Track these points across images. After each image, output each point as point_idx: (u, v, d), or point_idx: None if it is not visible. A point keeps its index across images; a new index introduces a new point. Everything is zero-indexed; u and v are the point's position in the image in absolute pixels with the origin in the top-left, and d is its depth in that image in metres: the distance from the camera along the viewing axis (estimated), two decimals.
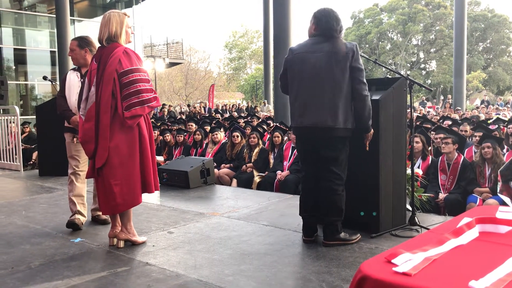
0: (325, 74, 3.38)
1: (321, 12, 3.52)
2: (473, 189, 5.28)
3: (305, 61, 3.44)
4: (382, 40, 39.15)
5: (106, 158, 3.43)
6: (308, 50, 3.47)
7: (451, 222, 1.97)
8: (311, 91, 3.43)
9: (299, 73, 3.48)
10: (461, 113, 14.65)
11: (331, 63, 3.37)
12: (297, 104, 3.51)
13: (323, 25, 3.45)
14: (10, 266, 3.27)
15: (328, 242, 3.54)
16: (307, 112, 3.45)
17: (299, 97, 3.50)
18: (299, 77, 3.49)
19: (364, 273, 1.48)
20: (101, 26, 3.55)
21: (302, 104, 3.47)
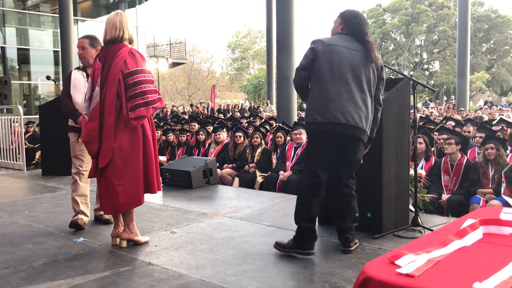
0: (364, 75, 3.26)
1: (351, 13, 3.40)
2: (476, 190, 5.26)
3: (342, 55, 3.25)
4: (385, 41, 39.11)
5: (110, 158, 3.43)
6: (343, 45, 3.27)
7: (455, 224, 1.96)
8: (347, 87, 3.22)
9: (336, 65, 3.23)
10: (464, 114, 14.61)
11: (369, 66, 3.27)
12: (327, 97, 3.21)
13: (354, 26, 3.34)
14: (13, 265, 3.27)
15: (350, 249, 3.39)
16: (341, 108, 3.19)
17: (331, 90, 3.22)
18: (335, 69, 3.23)
19: (367, 274, 1.47)
20: (106, 26, 3.55)
21: (335, 98, 3.20)
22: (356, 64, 3.25)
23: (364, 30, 3.35)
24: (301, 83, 3.37)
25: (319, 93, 3.26)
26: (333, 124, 3.21)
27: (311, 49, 3.30)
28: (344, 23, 3.40)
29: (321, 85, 3.26)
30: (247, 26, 58.60)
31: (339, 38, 3.35)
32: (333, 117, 3.20)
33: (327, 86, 3.23)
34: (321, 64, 3.25)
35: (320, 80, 3.26)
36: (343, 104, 3.20)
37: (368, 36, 3.35)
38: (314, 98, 3.29)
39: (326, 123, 3.22)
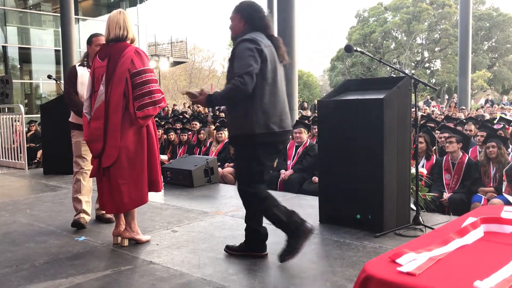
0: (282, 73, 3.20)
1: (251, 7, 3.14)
2: (477, 188, 5.26)
3: (275, 57, 3.11)
4: (386, 39, 39.02)
5: (115, 157, 3.43)
6: (268, 44, 3.08)
7: (456, 222, 1.96)
8: (282, 91, 3.14)
9: (276, 67, 3.08)
10: (466, 112, 14.58)
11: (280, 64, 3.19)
12: (277, 104, 3.07)
13: (258, 21, 3.11)
14: (14, 264, 3.28)
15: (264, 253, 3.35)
16: (287, 114, 3.16)
17: (278, 96, 3.09)
18: (276, 72, 3.08)
19: (368, 273, 1.47)
20: (109, 24, 3.55)
21: (283, 105, 3.12)
22: (278, 63, 3.15)
23: (269, 24, 3.17)
24: (250, 90, 2.94)
25: (269, 99, 3.03)
26: (286, 132, 3.16)
27: (260, 50, 2.97)
28: (245, 19, 3.12)
29: (269, 90, 3.04)
30: None
31: (261, 35, 3.09)
32: (286, 125, 3.14)
33: (275, 92, 3.08)
34: (267, 67, 3.01)
35: (268, 85, 3.03)
36: (287, 110, 3.17)
37: (273, 30, 3.18)
38: (264, 105, 3.01)
39: (282, 132, 3.12)
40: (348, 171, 3.91)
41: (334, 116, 4.05)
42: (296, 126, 7.05)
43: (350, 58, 38.12)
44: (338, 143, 3.98)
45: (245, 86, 2.89)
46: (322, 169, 4.21)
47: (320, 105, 4.33)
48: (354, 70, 37.92)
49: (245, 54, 2.93)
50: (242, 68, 2.90)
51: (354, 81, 4.56)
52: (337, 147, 3.99)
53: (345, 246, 3.53)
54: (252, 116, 2.98)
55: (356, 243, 3.59)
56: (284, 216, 3.14)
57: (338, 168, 3.99)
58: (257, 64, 2.94)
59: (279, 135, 3.09)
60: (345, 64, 39.10)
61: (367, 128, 3.78)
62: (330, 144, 4.07)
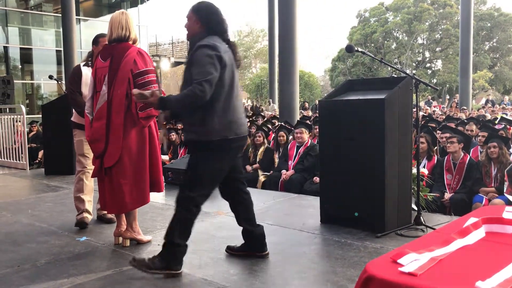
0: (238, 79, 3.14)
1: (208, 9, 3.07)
2: (479, 189, 5.26)
3: (233, 62, 3.06)
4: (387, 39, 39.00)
5: (118, 157, 3.43)
6: (228, 50, 3.03)
7: (457, 222, 1.96)
8: (238, 96, 3.12)
9: (233, 73, 3.04)
10: (467, 112, 14.57)
11: None
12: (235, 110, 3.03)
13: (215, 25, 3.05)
14: (16, 264, 3.28)
15: (264, 253, 3.33)
16: (243, 120, 3.11)
17: (233, 102, 3.02)
18: (234, 79, 3.04)
19: (370, 273, 1.47)
20: (111, 25, 3.55)
21: (237, 110, 3.06)
22: (235, 69, 3.08)
23: (226, 28, 3.10)
24: (208, 97, 2.86)
25: (226, 106, 2.98)
26: (242, 138, 3.11)
27: (219, 57, 2.89)
28: (201, 21, 3.04)
29: (227, 97, 2.98)
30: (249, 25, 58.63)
31: (219, 40, 3.00)
32: (243, 131, 3.10)
33: (232, 98, 3.02)
34: (225, 73, 2.94)
35: (225, 92, 2.97)
36: (243, 115, 3.13)
37: (227, 33, 3.09)
38: (221, 112, 2.95)
39: (239, 139, 3.07)
40: (349, 171, 3.91)
41: (335, 116, 4.05)
42: (297, 126, 7.06)
43: (351, 58, 38.10)
44: (339, 143, 3.98)
45: (203, 94, 2.81)
46: (323, 169, 4.21)
47: (321, 105, 4.33)
48: (355, 70, 37.90)
49: (205, 60, 2.85)
50: (201, 75, 2.82)
51: (355, 81, 4.56)
52: (338, 147, 3.99)
53: (346, 246, 3.53)
54: (209, 123, 2.93)
55: (358, 243, 3.59)
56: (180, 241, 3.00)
57: (339, 168, 3.99)
58: (217, 72, 2.87)
59: (236, 141, 3.04)
60: (346, 64, 39.08)
61: (368, 128, 3.78)
62: (331, 144, 4.07)
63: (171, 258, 2.98)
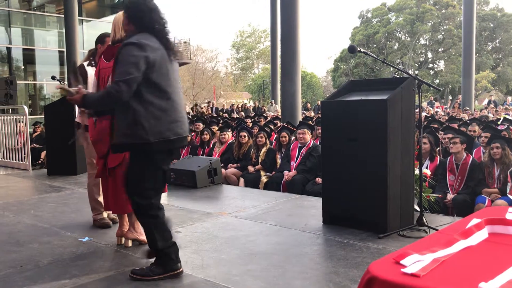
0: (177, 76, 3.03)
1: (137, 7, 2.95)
2: (481, 189, 5.24)
3: (166, 60, 2.92)
4: (390, 40, 38.97)
5: (122, 158, 3.43)
6: (160, 47, 2.89)
7: (460, 223, 1.95)
8: (178, 95, 2.98)
9: (169, 72, 2.92)
10: (469, 113, 14.54)
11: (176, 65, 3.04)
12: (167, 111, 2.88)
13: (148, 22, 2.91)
14: (19, 264, 3.29)
15: None
16: (183, 120, 2.98)
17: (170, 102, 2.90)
18: (170, 77, 2.92)
19: (373, 274, 1.47)
20: (115, 26, 3.55)
21: (176, 110, 2.93)
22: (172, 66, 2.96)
23: (159, 24, 2.95)
24: (127, 98, 2.78)
25: (161, 106, 2.86)
26: (182, 138, 2.98)
27: (145, 56, 2.78)
28: (131, 19, 2.95)
29: (161, 96, 2.86)
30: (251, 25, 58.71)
31: (150, 38, 2.88)
32: (182, 131, 2.96)
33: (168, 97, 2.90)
34: (154, 72, 2.83)
35: (158, 91, 2.86)
36: (183, 115, 2.99)
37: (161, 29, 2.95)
38: (156, 112, 2.83)
39: (178, 139, 2.94)
40: (352, 172, 3.90)
41: (338, 117, 4.05)
42: (299, 127, 7.05)
43: (353, 58, 38.09)
44: (342, 144, 3.97)
45: (120, 94, 2.72)
46: (325, 170, 4.21)
47: (324, 106, 4.33)
48: (358, 71, 37.89)
49: (127, 60, 2.76)
50: (120, 75, 2.75)
51: (357, 82, 4.56)
52: (341, 148, 3.98)
53: (349, 247, 3.52)
54: (144, 124, 2.80)
55: (360, 244, 3.58)
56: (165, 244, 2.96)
57: (341, 169, 3.99)
58: (138, 72, 2.75)
59: (175, 142, 2.92)
60: (349, 65, 39.07)
61: (370, 129, 3.78)
62: (334, 145, 4.07)
63: (166, 262, 2.96)
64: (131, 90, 2.75)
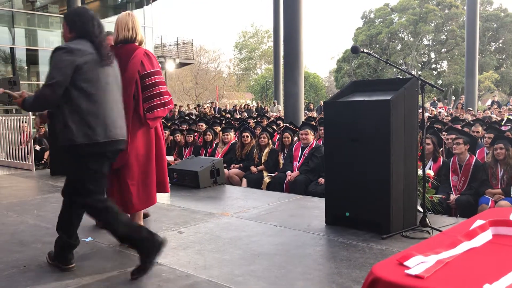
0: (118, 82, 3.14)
1: (74, 13, 3.08)
2: (485, 190, 5.23)
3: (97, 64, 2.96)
4: (393, 40, 38.93)
5: (125, 159, 3.44)
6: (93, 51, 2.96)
7: (464, 224, 1.95)
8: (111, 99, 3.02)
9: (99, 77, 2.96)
10: (473, 113, 14.51)
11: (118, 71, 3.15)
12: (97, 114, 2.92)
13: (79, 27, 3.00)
14: (22, 264, 3.30)
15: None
16: (115, 123, 3.01)
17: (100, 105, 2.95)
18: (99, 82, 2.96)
19: (376, 275, 1.46)
20: (118, 26, 3.56)
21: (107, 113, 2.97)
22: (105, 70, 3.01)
23: (94, 29, 3.01)
24: (54, 102, 2.88)
25: (90, 109, 2.90)
26: (113, 142, 2.99)
27: (71, 61, 2.84)
28: (69, 27, 3.03)
29: (90, 99, 2.91)
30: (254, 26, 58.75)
31: (84, 43, 2.96)
32: (113, 134, 2.98)
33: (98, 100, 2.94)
34: (83, 76, 2.88)
35: (87, 95, 2.90)
36: (115, 119, 3.02)
37: (96, 34, 3.01)
38: (84, 115, 2.88)
39: (109, 143, 2.96)
40: (355, 172, 3.89)
41: (341, 118, 4.04)
42: (302, 128, 7.05)
43: (356, 59, 38.07)
44: (345, 144, 3.97)
45: (44, 98, 2.85)
46: (328, 171, 4.20)
47: (327, 107, 4.33)
48: (360, 71, 37.85)
49: (54, 64, 2.85)
50: (46, 79, 2.85)
51: (360, 83, 4.56)
52: (344, 149, 3.98)
53: (352, 247, 3.52)
54: (72, 127, 2.87)
55: (363, 244, 3.58)
56: (132, 232, 3.01)
57: (344, 169, 3.98)
58: (62, 76, 2.81)
59: (105, 145, 2.94)
60: (351, 65, 39.04)
61: (373, 129, 3.77)
62: (337, 146, 4.06)
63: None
64: (55, 94, 2.83)
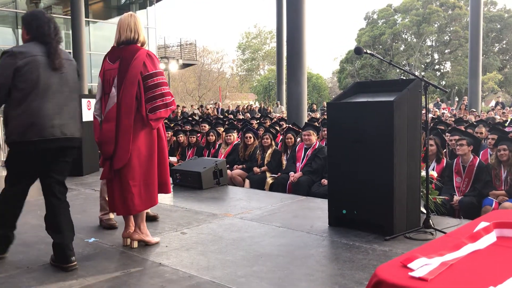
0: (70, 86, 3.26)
1: (30, 16, 3.22)
2: (488, 191, 5.21)
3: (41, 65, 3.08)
4: (396, 41, 38.86)
5: (127, 159, 3.44)
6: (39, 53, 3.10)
7: (468, 226, 1.94)
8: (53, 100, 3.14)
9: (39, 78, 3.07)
10: (476, 114, 14.47)
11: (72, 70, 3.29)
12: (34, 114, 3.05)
13: (35, 30, 3.16)
14: (25, 265, 3.30)
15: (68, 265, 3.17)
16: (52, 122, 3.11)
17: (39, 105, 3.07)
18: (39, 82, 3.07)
19: (380, 277, 1.46)
20: (120, 27, 3.57)
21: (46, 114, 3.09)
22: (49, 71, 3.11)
23: (46, 31, 3.15)
24: (1, 102, 3.12)
25: (27, 109, 3.03)
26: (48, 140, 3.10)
27: (11, 64, 3.01)
28: (26, 29, 3.21)
29: (29, 99, 3.04)
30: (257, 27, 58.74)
31: (34, 46, 3.12)
32: (48, 134, 3.08)
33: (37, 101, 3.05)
34: (23, 77, 3.02)
35: (27, 95, 3.04)
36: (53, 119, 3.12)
37: (51, 37, 3.16)
38: (21, 115, 3.04)
39: (43, 141, 3.07)
40: (358, 173, 3.89)
41: (344, 119, 4.04)
42: (305, 129, 7.04)
43: (359, 60, 38.01)
44: (348, 145, 3.96)
45: None
46: (331, 172, 4.20)
47: (330, 107, 4.32)
48: (363, 72, 37.79)
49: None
50: None
51: (363, 84, 4.55)
52: (347, 150, 3.97)
53: (355, 249, 3.51)
54: (11, 125, 3.09)
55: (366, 246, 3.57)
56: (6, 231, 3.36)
57: (347, 170, 3.98)
58: (4, 79, 3.01)
59: (38, 143, 3.07)
60: (354, 66, 38.98)
61: (377, 130, 3.76)
62: (340, 147, 4.05)
63: None
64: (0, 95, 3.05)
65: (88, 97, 7.54)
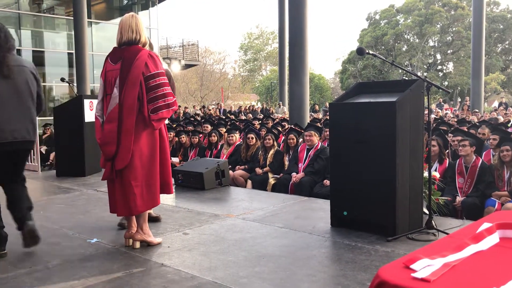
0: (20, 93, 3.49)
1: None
2: (491, 192, 5.19)
3: None
4: (398, 42, 38.82)
5: (129, 160, 3.44)
6: None
7: (471, 227, 1.93)
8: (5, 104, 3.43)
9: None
10: (479, 115, 14.43)
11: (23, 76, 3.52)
12: None
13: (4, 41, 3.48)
14: (28, 265, 3.31)
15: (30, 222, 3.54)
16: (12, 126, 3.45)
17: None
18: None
19: (382, 279, 1.45)
20: (121, 28, 3.57)
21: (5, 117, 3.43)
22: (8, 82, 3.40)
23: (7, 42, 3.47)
24: None
25: None
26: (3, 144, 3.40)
27: None
28: None
29: None
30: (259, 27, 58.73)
31: None
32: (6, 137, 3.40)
33: None
34: None
35: None
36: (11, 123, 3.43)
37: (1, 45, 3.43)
38: None
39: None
40: (360, 174, 3.88)
41: (346, 119, 4.03)
42: (307, 129, 7.04)
43: (361, 60, 37.98)
44: (350, 146, 3.96)
45: None
46: (333, 172, 4.19)
47: (332, 108, 4.32)
48: (366, 73, 37.76)
49: None
50: None
51: (366, 84, 4.54)
52: (349, 150, 3.97)
53: (357, 249, 3.51)
54: None
55: (368, 247, 3.56)
56: None
57: (349, 171, 3.97)
58: None
59: None
60: (357, 66, 38.96)
61: (379, 131, 3.76)
62: (342, 147, 4.05)
63: None
64: None
65: (90, 97, 7.55)
